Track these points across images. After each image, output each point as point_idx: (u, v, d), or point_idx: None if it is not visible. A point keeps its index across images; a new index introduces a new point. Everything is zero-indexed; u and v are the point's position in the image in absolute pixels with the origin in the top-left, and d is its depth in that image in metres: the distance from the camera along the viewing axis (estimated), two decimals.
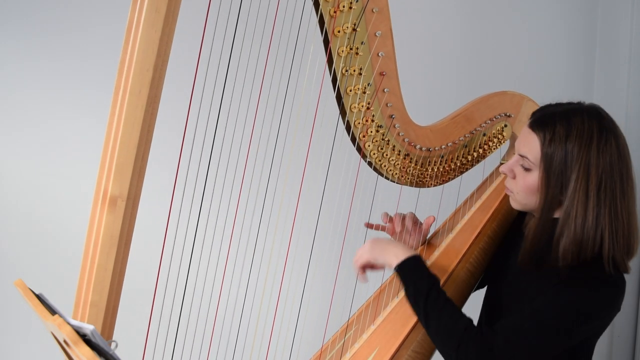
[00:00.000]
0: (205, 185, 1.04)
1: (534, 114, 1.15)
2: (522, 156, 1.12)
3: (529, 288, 1.14)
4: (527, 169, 1.12)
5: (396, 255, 1.14)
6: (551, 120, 1.08)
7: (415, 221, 1.39)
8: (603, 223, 1.05)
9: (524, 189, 1.13)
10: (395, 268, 1.13)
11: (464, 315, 1.08)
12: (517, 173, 1.15)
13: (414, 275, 1.11)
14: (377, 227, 1.40)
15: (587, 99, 1.13)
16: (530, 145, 1.10)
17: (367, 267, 1.21)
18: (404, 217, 1.38)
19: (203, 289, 1.13)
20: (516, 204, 1.19)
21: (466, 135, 1.39)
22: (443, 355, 1.09)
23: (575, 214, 1.05)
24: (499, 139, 1.47)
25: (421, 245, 1.42)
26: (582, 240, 1.05)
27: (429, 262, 1.35)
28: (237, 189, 1.15)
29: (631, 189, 1.09)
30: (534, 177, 1.11)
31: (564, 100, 1.15)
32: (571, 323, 1.04)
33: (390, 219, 1.39)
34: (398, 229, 1.37)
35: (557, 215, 1.11)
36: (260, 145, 1.17)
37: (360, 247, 1.21)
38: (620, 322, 2.34)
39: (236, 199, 1.16)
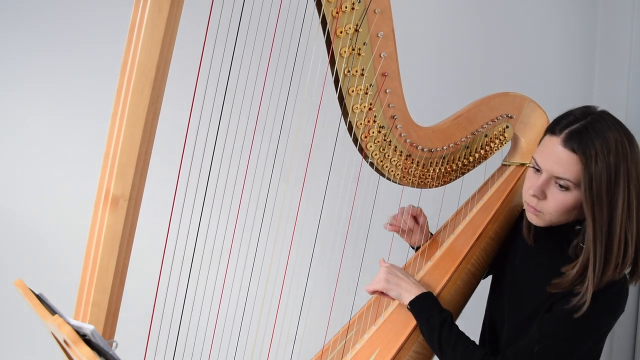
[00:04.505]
0: (208, 184, 1.04)
1: (555, 129, 1.09)
2: (558, 177, 1.08)
3: (534, 294, 1.14)
4: (564, 189, 1.08)
5: (409, 291, 1.20)
6: (587, 138, 1.04)
7: (415, 215, 1.42)
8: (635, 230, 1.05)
9: (559, 209, 1.09)
10: (407, 305, 1.19)
11: (478, 347, 1.12)
12: (549, 193, 1.10)
13: (426, 312, 1.16)
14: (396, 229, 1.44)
15: (587, 99, 1.13)
16: (570, 165, 1.05)
17: (378, 293, 1.25)
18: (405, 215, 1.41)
19: (205, 288, 1.13)
20: (542, 222, 1.14)
21: (468, 136, 1.39)
22: None
23: (615, 226, 1.04)
24: (500, 140, 1.47)
25: (424, 241, 1.44)
26: (611, 250, 1.04)
27: (430, 263, 1.35)
28: (239, 188, 1.15)
29: None
30: (571, 197, 1.07)
31: (564, 101, 1.15)
32: (582, 339, 1.06)
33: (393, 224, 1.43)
34: (406, 227, 1.42)
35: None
36: (262, 145, 1.17)
37: (377, 274, 1.24)
38: (621, 322, 2.33)
39: (238, 199, 1.16)
